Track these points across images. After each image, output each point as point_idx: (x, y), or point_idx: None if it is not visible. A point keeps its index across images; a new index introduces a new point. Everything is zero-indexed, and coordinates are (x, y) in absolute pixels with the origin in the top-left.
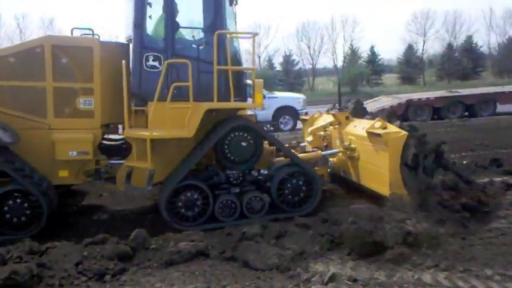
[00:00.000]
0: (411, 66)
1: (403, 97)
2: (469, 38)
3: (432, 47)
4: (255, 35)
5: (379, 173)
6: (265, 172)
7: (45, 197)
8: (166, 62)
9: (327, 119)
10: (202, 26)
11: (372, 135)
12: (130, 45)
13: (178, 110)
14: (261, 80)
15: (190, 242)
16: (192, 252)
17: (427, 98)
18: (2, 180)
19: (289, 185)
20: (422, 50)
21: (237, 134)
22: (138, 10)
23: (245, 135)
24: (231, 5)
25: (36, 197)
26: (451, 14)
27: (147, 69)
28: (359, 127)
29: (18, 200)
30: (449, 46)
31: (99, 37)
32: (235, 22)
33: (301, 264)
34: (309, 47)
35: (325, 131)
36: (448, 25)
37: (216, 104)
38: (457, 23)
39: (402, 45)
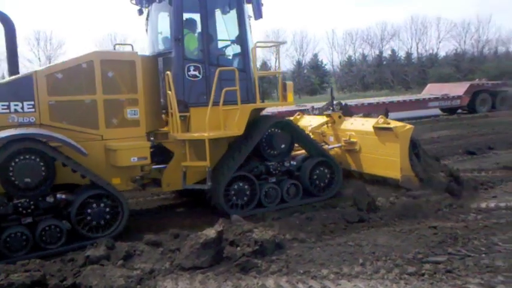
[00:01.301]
0: (266, 81)
1: None
2: (315, 56)
3: (284, 63)
4: (281, 43)
5: (388, 161)
6: (294, 163)
7: (124, 200)
8: (218, 69)
9: (311, 119)
10: (232, 39)
11: (379, 129)
12: (159, 58)
13: (228, 112)
14: (291, 82)
15: (25, 272)
16: (27, 283)
17: (278, 112)
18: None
19: (317, 173)
20: (275, 66)
21: (276, 130)
22: (178, 26)
23: (282, 130)
24: (256, 19)
25: (116, 200)
26: (299, 34)
27: (189, 78)
28: (356, 124)
29: (100, 204)
30: (298, 63)
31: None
32: (251, 33)
33: (149, 284)
34: None
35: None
36: (297, 44)
37: (259, 104)
38: (304, 42)
39: (257, 61)
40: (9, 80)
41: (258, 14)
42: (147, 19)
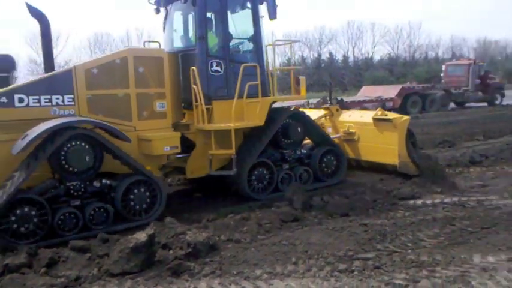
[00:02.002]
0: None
1: None
2: None
3: None
4: (296, 41)
5: (387, 148)
6: (304, 151)
7: (162, 186)
8: (243, 65)
9: (309, 113)
10: (247, 37)
11: (379, 120)
12: (178, 55)
13: (251, 104)
14: (304, 77)
15: None
16: None
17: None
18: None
19: (325, 160)
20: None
21: (291, 120)
22: (202, 25)
23: (296, 121)
24: (271, 19)
25: (155, 185)
26: None
27: (212, 73)
28: (354, 116)
29: (140, 189)
30: None
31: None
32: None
33: None
34: None
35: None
36: None
37: (277, 98)
38: None
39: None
40: (50, 74)
41: (273, 14)
42: (165, 18)
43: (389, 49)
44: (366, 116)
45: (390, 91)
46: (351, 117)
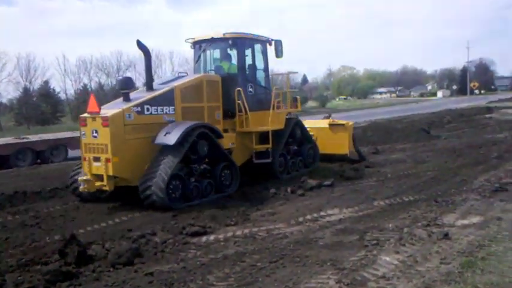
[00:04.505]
0: None
1: None
2: (46, 83)
3: (6, 90)
4: (293, 73)
5: (339, 144)
6: (296, 147)
7: (238, 169)
8: (274, 87)
9: None
10: (261, 68)
11: (333, 125)
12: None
13: (279, 114)
14: (298, 97)
15: None
16: None
17: None
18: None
19: (308, 153)
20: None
21: (297, 126)
22: (242, 59)
23: (298, 126)
24: (278, 57)
25: (234, 168)
26: (24, 58)
27: (249, 93)
28: (310, 123)
29: (226, 170)
30: (26, 90)
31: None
32: None
33: None
34: None
35: None
36: (22, 69)
37: (290, 110)
38: (31, 68)
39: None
40: (162, 91)
41: (280, 53)
42: (200, 53)
43: None
44: (320, 123)
45: None
46: (308, 124)
